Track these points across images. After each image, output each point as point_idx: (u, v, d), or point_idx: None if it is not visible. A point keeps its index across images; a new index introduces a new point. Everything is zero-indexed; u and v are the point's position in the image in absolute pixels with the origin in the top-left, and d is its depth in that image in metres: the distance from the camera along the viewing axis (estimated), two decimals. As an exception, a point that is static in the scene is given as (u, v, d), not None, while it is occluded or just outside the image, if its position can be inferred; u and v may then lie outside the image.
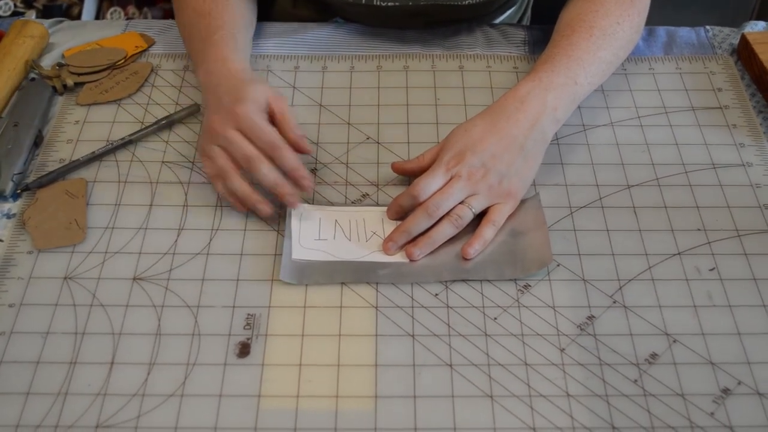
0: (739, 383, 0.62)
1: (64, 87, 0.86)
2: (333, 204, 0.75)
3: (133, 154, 0.80)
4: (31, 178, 0.77)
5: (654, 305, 0.67)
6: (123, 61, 0.89)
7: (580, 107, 0.82)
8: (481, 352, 0.64)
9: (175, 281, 0.69)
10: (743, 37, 0.89)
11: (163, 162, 0.79)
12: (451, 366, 0.63)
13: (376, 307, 0.67)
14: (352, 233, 0.72)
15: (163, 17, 1.76)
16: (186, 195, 0.76)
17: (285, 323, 0.66)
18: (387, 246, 0.70)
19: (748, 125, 0.82)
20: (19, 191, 0.76)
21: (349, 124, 0.83)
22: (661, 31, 0.94)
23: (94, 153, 0.78)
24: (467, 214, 0.69)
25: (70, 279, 0.69)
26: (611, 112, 0.84)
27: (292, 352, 0.64)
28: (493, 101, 0.76)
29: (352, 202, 0.75)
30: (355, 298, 0.68)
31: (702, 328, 0.65)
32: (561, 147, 0.80)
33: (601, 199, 0.75)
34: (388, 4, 0.89)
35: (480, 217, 0.71)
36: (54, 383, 0.62)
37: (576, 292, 0.68)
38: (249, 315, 0.66)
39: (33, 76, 0.87)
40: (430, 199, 0.69)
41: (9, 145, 0.78)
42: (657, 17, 0.86)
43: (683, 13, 1.62)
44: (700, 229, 0.73)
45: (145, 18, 1.73)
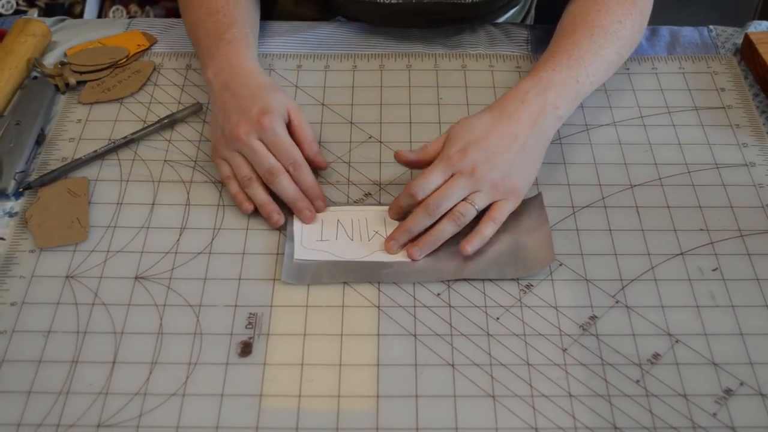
0: (742, 384, 0.62)
1: (67, 85, 0.86)
2: (335, 203, 0.75)
3: (136, 153, 0.80)
4: (33, 177, 0.77)
5: (656, 305, 0.67)
6: (125, 59, 0.89)
7: (582, 107, 0.82)
8: (483, 351, 0.64)
9: (177, 280, 0.69)
10: (746, 37, 0.89)
11: (165, 161, 0.79)
12: (453, 366, 0.63)
13: (378, 307, 0.67)
14: (354, 233, 0.72)
15: (165, 16, 1.76)
16: (188, 194, 0.76)
17: (287, 323, 0.66)
18: (389, 245, 0.70)
19: (751, 125, 0.82)
20: (21, 190, 0.76)
21: (351, 123, 0.83)
22: (664, 30, 0.94)
23: (96, 152, 0.78)
24: (470, 212, 0.69)
25: (72, 278, 0.69)
26: (614, 112, 0.84)
27: (293, 352, 0.64)
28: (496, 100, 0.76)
29: (354, 202, 0.75)
30: (357, 298, 0.67)
31: (704, 329, 0.65)
32: (564, 146, 0.80)
33: (603, 198, 0.75)
34: (392, 1, 0.89)
35: (482, 214, 0.71)
36: (55, 382, 0.62)
37: (578, 291, 0.68)
38: (251, 314, 0.66)
39: (35, 74, 0.87)
40: (431, 197, 0.69)
41: (11, 143, 0.78)
42: (660, 17, 0.85)
43: (686, 12, 1.62)
44: (702, 229, 0.72)
45: (148, 16, 1.73)
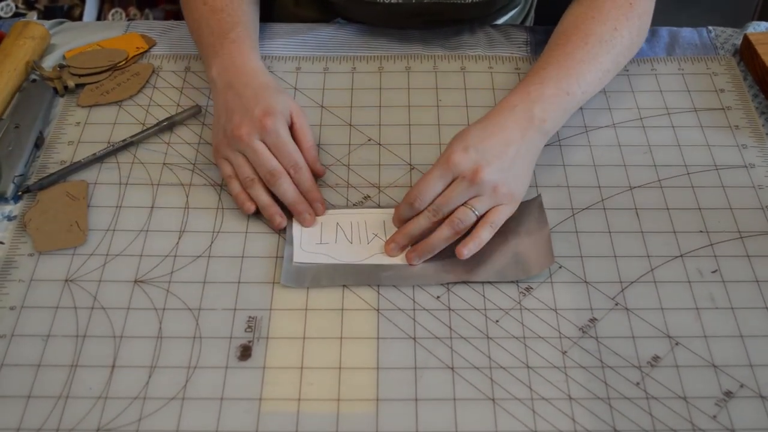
0: (742, 386, 0.62)
1: (65, 88, 0.86)
2: (334, 206, 0.75)
3: (135, 156, 0.79)
4: (32, 180, 0.77)
5: (656, 307, 0.67)
6: (124, 62, 0.89)
7: (582, 108, 0.82)
8: (482, 354, 0.64)
9: (176, 284, 0.69)
10: (746, 38, 0.89)
11: (164, 164, 0.79)
12: (452, 369, 0.63)
13: (378, 310, 0.67)
14: (353, 236, 0.72)
15: (164, 18, 1.76)
16: (187, 197, 0.76)
17: (286, 326, 0.66)
18: (389, 248, 0.70)
19: (751, 126, 0.82)
20: (20, 193, 0.76)
21: (350, 125, 0.83)
22: (664, 31, 0.94)
23: (95, 155, 0.78)
24: (469, 217, 0.68)
25: (71, 281, 0.69)
26: (613, 114, 0.84)
27: (293, 355, 0.64)
28: (495, 102, 0.76)
29: (354, 205, 0.75)
30: (357, 301, 0.67)
31: (704, 331, 0.65)
32: (563, 148, 0.80)
33: (603, 200, 0.75)
34: (392, 1, 0.89)
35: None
36: (55, 386, 0.62)
37: (578, 294, 0.68)
38: (250, 318, 0.66)
39: (34, 77, 0.87)
40: (432, 204, 0.69)
41: (10, 147, 0.78)
42: (659, 18, 0.85)
43: (685, 13, 1.62)
44: (702, 231, 0.72)
45: (147, 19, 1.73)
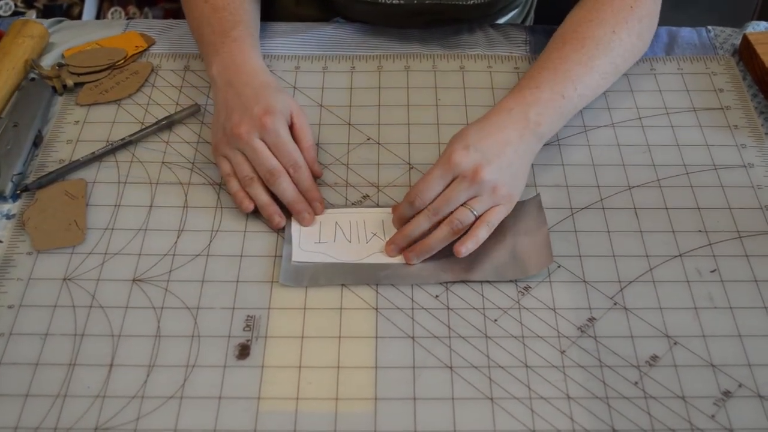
0: (740, 385, 0.62)
1: (64, 87, 0.86)
2: (333, 205, 0.75)
3: (133, 155, 0.79)
4: (30, 179, 0.77)
5: (655, 307, 0.67)
6: (123, 61, 0.89)
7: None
8: (481, 354, 0.64)
9: (174, 283, 0.69)
10: (745, 38, 0.89)
11: (163, 163, 0.79)
12: (451, 368, 0.63)
13: (376, 309, 0.67)
14: (352, 235, 0.72)
15: (163, 17, 1.76)
16: (186, 196, 0.76)
17: (285, 325, 0.66)
18: (388, 248, 0.70)
19: (750, 126, 0.82)
20: (18, 192, 0.76)
21: (349, 124, 0.83)
22: (663, 31, 0.94)
23: (93, 153, 0.78)
24: (468, 218, 0.68)
25: (69, 280, 0.69)
26: (612, 113, 0.83)
27: (291, 354, 0.64)
28: (495, 102, 0.76)
29: (353, 204, 0.75)
30: (355, 300, 0.67)
31: (703, 330, 0.65)
32: (562, 148, 0.80)
33: (602, 200, 0.75)
34: (393, 2, 0.89)
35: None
36: (53, 385, 0.62)
37: (576, 293, 0.68)
38: (249, 317, 0.66)
39: (33, 76, 0.87)
40: (432, 203, 0.69)
41: (8, 145, 0.77)
42: (658, 17, 0.85)
43: (684, 13, 1.61)
44: (701, 231, 0.72)
45: (146, 18, 1.73)
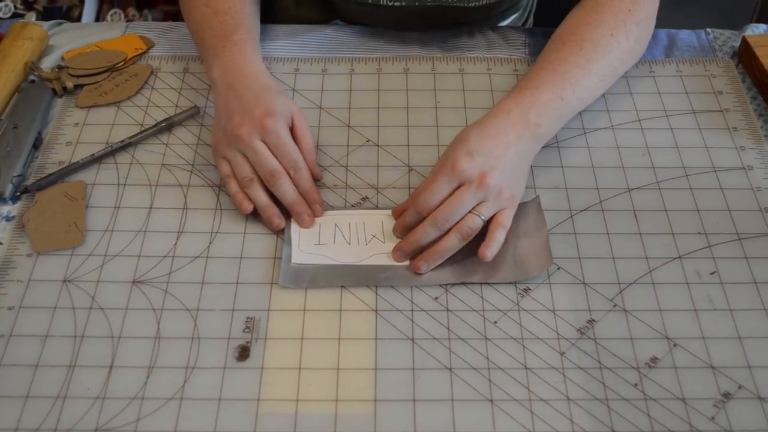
0: (740, 387, 0.62)
1: (64, 89, 0.86)
2: (333, 207, 0.75)
3: (133, 157, 0.79)
4: (30, 181, 0.77)
5: (654, 309, 0.67)
6: (122, 63, 0.89)
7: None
8: (480, 355, 0.64)
9: (174, 284, 0.69)
10: (744, 40, 0.89)
11: (162, 165, 0.79)
12: (450, 370, 0.63)
13: (376, 311, 0.67)
14: (351, 237, 0.72)
15: (163, 19, 1.75)
16: (185, 198, 0.76)
17: (284, 326, 0.66)
18: (395, 255, 0.70)
19: (749, 128, 0.82)
20: (18, 194, 0.76)
21: (348, 126, 0.83)
22: (662, 33, 0.94)
23: (93, 155, 0.78)
24: (476, 224, 0.68)
25: (69, 282, 0.69)
26: (611, 115, 0.84)
27: (291, 356, 0.64)
28: (494, 104, 0.76)
29: (352, 206, 0.75)
30: (355, 302, 0.67)
31: (702, 332, 0.65)
32: (561, 150, 0.80)
33: (601, 202, 0.75)
34: (395, 4, 0.89)
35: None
36: (53, 386, 0.62)
37: (576, 295, 0.68)
38: (248, 318, 0.66)
39: (32, 78, 0.87)
40: (439, 210, 0.68)
41: (8, 147, 0.77)
42: (657, 20, 0.85)
43: (683, 14, 1.61)
44: (700, 233, 0.72)
45: (145, 20, 1.73)
